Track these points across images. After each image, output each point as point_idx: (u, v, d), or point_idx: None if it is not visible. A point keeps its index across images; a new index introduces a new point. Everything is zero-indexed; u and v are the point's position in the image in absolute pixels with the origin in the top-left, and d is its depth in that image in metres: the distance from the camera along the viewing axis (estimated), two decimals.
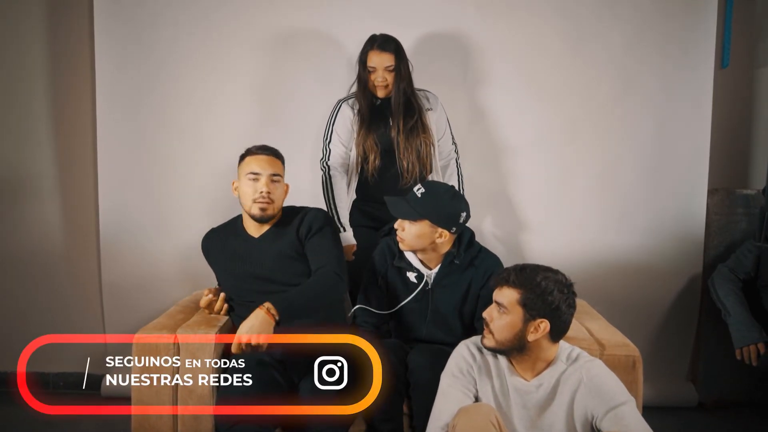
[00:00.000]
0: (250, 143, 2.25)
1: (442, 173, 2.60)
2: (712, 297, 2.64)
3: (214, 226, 2.32)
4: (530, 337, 1.74)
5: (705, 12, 2.77)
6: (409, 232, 2.11)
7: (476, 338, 1.85)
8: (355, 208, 2.60)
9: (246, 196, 2.18)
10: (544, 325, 1.73)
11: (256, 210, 2.17)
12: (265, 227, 2.23)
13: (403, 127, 2.49)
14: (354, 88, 2.55)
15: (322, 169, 2.55)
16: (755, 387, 2.83)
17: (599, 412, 1.68)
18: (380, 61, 2.45)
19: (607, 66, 2.79)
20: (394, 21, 2.60)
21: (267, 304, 1.95)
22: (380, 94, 2.50)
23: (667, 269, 2.86)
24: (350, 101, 2.54)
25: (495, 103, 2.81)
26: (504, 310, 1.74)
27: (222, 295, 2.26)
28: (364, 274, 2.28)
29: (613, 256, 2.85)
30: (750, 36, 2.94)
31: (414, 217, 2.09)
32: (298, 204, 2.32)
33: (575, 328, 2.18)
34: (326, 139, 2.56)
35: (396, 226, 2.14)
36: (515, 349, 1.76)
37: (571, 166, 2.84)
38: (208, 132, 2.79)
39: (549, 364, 1.77)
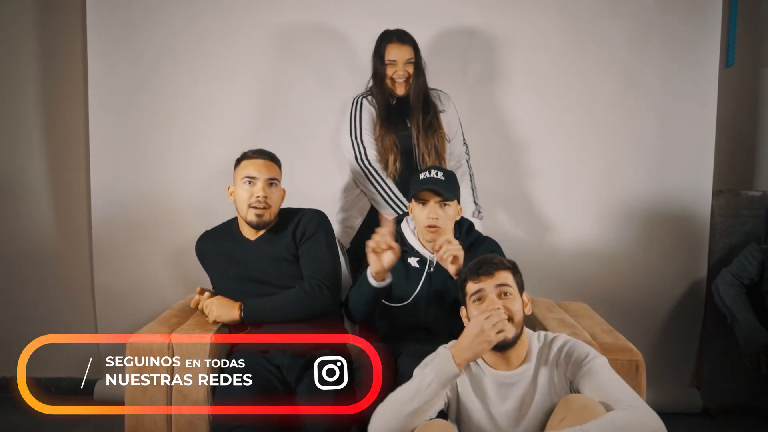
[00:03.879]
0: (245, 144, 2.23)
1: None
2: (716, 303, 2.60)
3: (208, 228, 2.30)
4: (527, 312, 1.76)
5: (709, 10, 2.75)
6: (447, 216, 2.12)
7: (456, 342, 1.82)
8: (376, 212, 2.55)
9: (242, 201, 2.15)
10: (527, 297, 1.76)
11: (252, 216, 2.15)
12: (262, 230, 2.21)
13: (422, 123, 2.44)
14: (370, 84, 2.49)
15: (363, 166, 2.46)
16: (761, 392, 2.79)
17: (575, 376, 1.68)
18: (400, 53, 2.40)
19: (609, 65, 2.77)
20: (394, 19, 2.57)
21: (241, 305, 2.11)
22: (399, 90, 2.44)
23: (671, 271, 2.84)
24: (369, 97, 2.48)
25: (495, 102, 2.79)
26: (510, 292, 1.73)
27: (207, 294, 2.21)
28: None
29: (616, 258, 2.83)
30: (755, 34, 2.92)
31: (452, 197, 2.12)
32: (293, 206, 2.28)
33: (577, 331, 2.16)
34: (355, 136, 2.47)
35: (434, 217, 2.11)
36: (519, 335, 1.72)
37: (573, 167, 2.81)
38: (203, 133, 2.77)
39: (525, 352, 1.75)
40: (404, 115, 2.48)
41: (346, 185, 2.57)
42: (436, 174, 2.12)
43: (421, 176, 2.15)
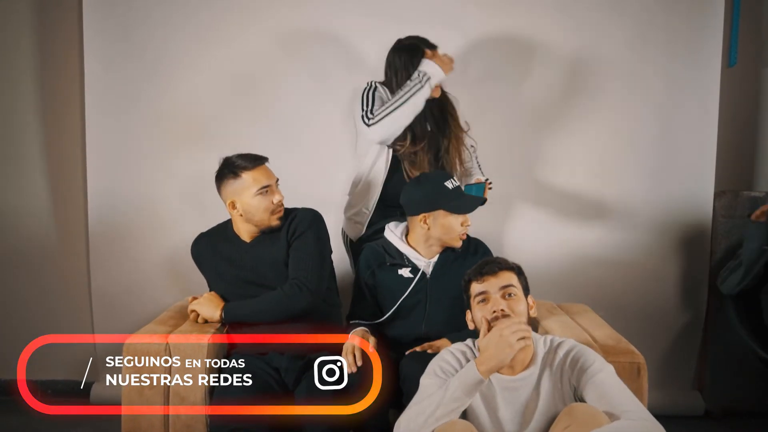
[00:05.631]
0: (242, 145, 2.20)
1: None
2: (729, 285, 2.55)
3: (203, 229, 2.28)
4: (532, 314, 1.75)
5: (711, 9, 2.73)
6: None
7: (460, 344, 1.81)
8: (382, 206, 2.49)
9: (260, 211, 2.13)
10: (531, 300, 1.75)
11: (275, 221, 2.15)
12: (258, 232, 2.19)
13: (455, 124, 2.46)
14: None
15: (367, 118, 2.32)
16: (763, 395, 2.77)
17: (579, 382, 1.66)
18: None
19: (611, 65, 2.75)
20: (393, 18, 2.56)
21: (223, 306, 2.14)
22: (436, 93, 2.40)
23: (673, 273, 2.82)
24: (382, 87, 2.40)
25: (495, 102, 2.77)
26: (515, 292, 1.71)
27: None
28: (353, 287, 2.26)
29: (617, 259, 2.81)
30: (758, 34, 2.90)
31: None
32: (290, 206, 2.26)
33: (578, 333, 2.15)
34: (367, 105, 2.34)
35: (468, 225, 2.17)
36: None
37: (574, 168, 2.80)
38: (199, 134, 2.75)
39: (529, 356, 1.72)
40: (427, 117, 2.44)
41: (354, 179, 2.52)
42: (455, 182, 2.16)
43: (450, 186, 2.15)
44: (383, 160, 2.41)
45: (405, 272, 2.17)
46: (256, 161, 2.14)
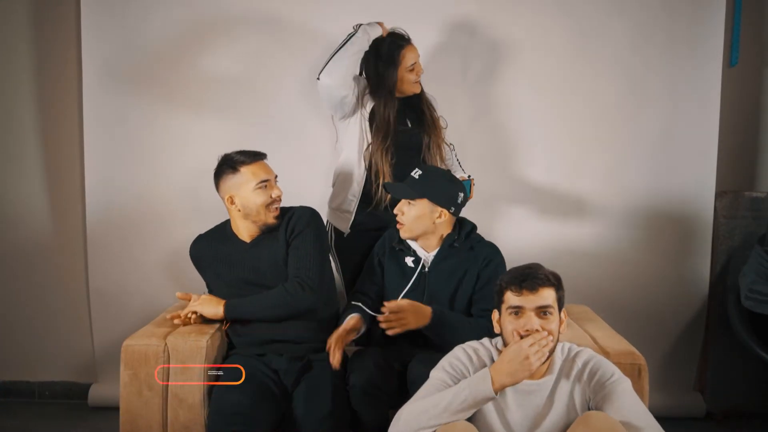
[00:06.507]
0: (239, 145, 2.20)
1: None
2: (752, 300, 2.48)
3: (202, 230, 2.27)
4: (561, 330, 1.70)
5: (713, 9, 2.71)
6: (409, 215, 2.12)
7: (474, 342, 1.79)
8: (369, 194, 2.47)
9: (257, 206, 2.13)
10: (564, 315, 1.71)
11: (271, 217, 2.15)
12: (257, 231, 2.19)
13: (431, 119, 2.46)
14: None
15: (317, 77, 2.33)
16: (765, 396, 2.76)
17: (596, 394, 1.65)
18: (415, 54, 2.38)
19: (612, 64, 2.74)
20: (392, 18, 2.53)
21: (225, 302, 2.11)
22: (417, 89, 2.40)
23: (674, 274, 2.80)
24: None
25: (497, 102, 2.76)
26: (551, 312, 1.66)
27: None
28: (365, 265, 2.26)
29: (618, 260, 2.80)
30: (759, 33, 2.88)
31: (412, 195, 2.10)
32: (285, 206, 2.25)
33: (579, 335, 2.16)
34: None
35: (395, 211, 2.14)
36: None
37: (575, 168, 2.79)
38: (196, 134, 2.74)
39: (548, 363, 1.70)
40: (407, 114, 2.46)
41: (336, 170, 2.50)
42: (415, 173, 2.13)
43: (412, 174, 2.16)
44: (363, 150, 2.40)
45: (409, 261, 2.17)
46: (255, 156, 2.15)
